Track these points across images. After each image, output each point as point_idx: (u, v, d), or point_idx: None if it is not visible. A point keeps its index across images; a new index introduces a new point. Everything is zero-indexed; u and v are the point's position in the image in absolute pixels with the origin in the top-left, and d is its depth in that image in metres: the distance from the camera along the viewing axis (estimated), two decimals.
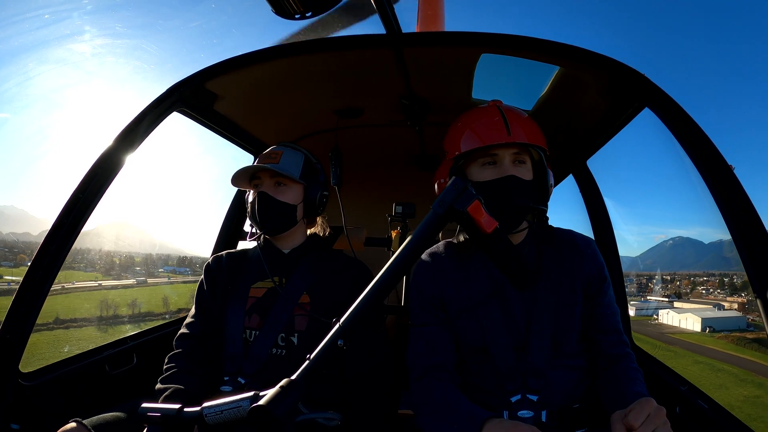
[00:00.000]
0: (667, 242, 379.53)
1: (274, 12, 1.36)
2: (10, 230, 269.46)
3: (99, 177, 1.49)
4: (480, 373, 1.27)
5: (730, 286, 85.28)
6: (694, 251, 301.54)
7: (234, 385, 1.39)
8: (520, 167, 1.26)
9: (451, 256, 1.38)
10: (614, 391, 1.18)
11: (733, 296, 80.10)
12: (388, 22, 1.43)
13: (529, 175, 1.27)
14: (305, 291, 1.49)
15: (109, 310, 58.72)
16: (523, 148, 1.26)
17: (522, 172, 1.25)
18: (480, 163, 1.28)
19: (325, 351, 0.85)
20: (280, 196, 1.50)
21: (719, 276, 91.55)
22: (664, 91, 1.38)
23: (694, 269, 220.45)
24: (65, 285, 53.97)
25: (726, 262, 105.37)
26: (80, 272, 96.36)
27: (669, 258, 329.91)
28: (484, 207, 0.91)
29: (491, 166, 1.26)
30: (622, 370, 1.21)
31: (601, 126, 1.93)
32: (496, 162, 1.26)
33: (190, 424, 0.92)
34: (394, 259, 0.91)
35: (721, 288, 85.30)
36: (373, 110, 2.25)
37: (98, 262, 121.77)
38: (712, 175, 1.23)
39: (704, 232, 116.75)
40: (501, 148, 1.25)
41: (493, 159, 1.26)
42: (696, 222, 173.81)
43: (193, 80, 1.69)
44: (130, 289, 75.15)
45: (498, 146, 1.24)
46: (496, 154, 1.25)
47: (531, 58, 1.58)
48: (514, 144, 1.24)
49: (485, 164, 1.27)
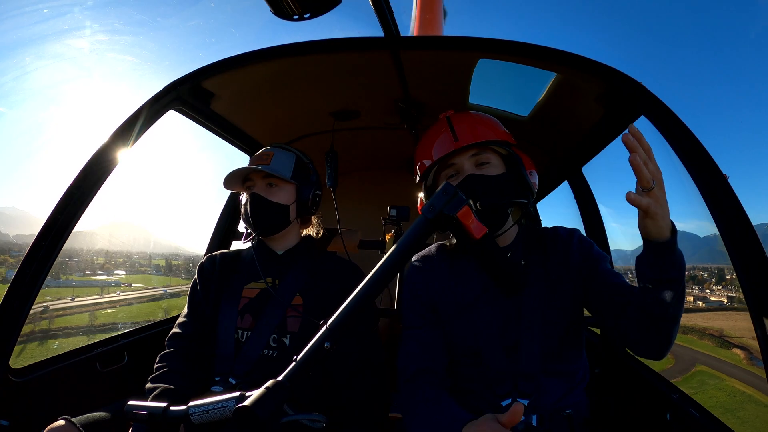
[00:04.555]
0: None
1: (273, 13, 1.36)
2: (17, 232, 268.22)
3: (93, 175, 1.49)
4: (471, 377, 1.27)
5: (720, 278, 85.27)
6: (689, 244, 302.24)
7: (225, 386, 1.39)
8: (484, 168, 1.26)
9: (443, 259, 1.38)
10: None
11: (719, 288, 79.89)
12: (386, 24, 1.44)
13: (496, 171, 1.26)
14: (298, 292, 1.49)
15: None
16: (482, 148, 1.26)
17: (487, 171, 1.25)
18: (444, 176, 1.30)
19: (312, 353, 0.85)
20: (273, 196, 1.50)
21: (710, 270, 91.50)
22: (660, 100, 1.38)
23: (691, 262, 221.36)
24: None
25: (720, 255, 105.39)
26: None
27: None
28: (474, 213, 0.92)
29: (454, 177, 1.28)
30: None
31: (597, 133, 1.93)
32: (458, 171, 1.27)
33: (175, 422, 0.92)
34: (383, 263, 0.92)
35: (721, 281, 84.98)
36: (369, 113, 2.26)
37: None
38: (706, 184, 1.24)
39: (700, 225, 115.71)
40: (457, 156, 1.26)
41: (454, 169, 1.28)
42: (692, 215, 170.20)
43: (190, 79, 1.69)
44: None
45: (452, 155, 1.25)
46: (455, 163, 1.27)
47: (528, 65, 1.59)
48: (466, 147, 1.24)
49: (449, 176, 1.29)
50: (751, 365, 32.98)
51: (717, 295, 74.13)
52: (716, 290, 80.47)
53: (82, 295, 55.25)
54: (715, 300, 70.56)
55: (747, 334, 39.54)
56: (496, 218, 1.25)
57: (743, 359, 34.85)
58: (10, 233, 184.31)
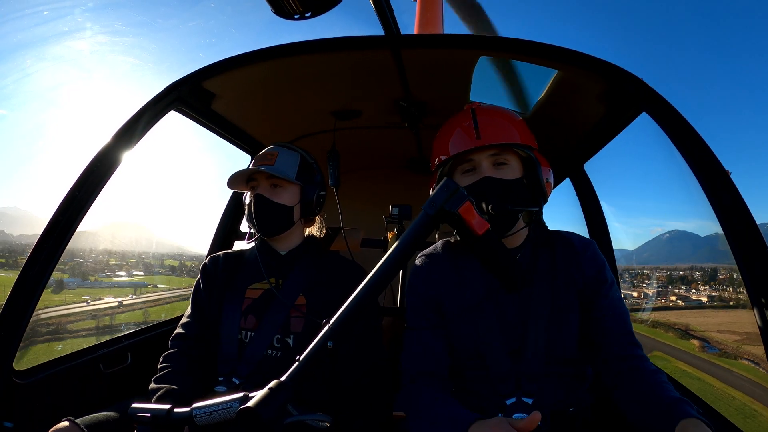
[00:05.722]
0: (663, 235, 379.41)
1: (274, 12, 1.36)
2: (21, 232, 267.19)
3: (95, 175, 1.50)
4: (475, 377, 1.26)
5: (710, 278, 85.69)
6: (690, 244, 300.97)
7: (228, 386, 1.39)
8: (502, 169, 1.23)
9: (448, 257, 1.37)
10: (644, 399, 1.07)
11: (706, 287, 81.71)
12: (387, 23, 1.44)
13: (513, 174, 1.24)
14: (301, 293, 1.49)
15: None
16: (503, 149, 1.23)
17: (504, 173, 1.23)
18: (460, 170, 1.27)
19: (315, 352, 0.85)
20: (277, 197, 1.49)
21: (706, 269, 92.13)
22: (662, 97, 1.37)
23: (691, 262, 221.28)
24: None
25: (722, 255, 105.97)
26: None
27: (666, 251, 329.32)
28: (476, 209, 0.91)
29: (470, 173, 1.25)
30: (644, 375, 1.12)
31: (599, 130, 1.93)
32: (475, 168, 1.25)
33: (179, 424, 0.92)
34: (385, 261, 0.91)
35: (710, 281, 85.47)
36: (370, 112, 2.26)
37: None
38: (709, 180, 1.23)
39: (701, 225, 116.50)
40: (476, 153, 1.23)
41: (471, 165, 1.25)
42: (694, 215, 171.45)
43: (190, 79, 1.69)
44: None
45: (472, 152, 1.22)
46: (473, 160, 1.24)
47: (529, 62, 1.58)
48: (488, 146, 1.22)
49: (465, 171, 1.26)
50: (701, 352, 39.43)
51: (699, 295, 76.78)
52: (702, 290, 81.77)
53: (119, 296, 56.58)
54: (695, 299, 73.68)
55: (711, 328, 49.23)
56: (506, 222, 1.23)
57: (697, 347, 41.35)
58: (13, 233, 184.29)
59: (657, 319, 55.24)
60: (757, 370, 34.59)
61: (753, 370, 34.33)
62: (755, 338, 29.33)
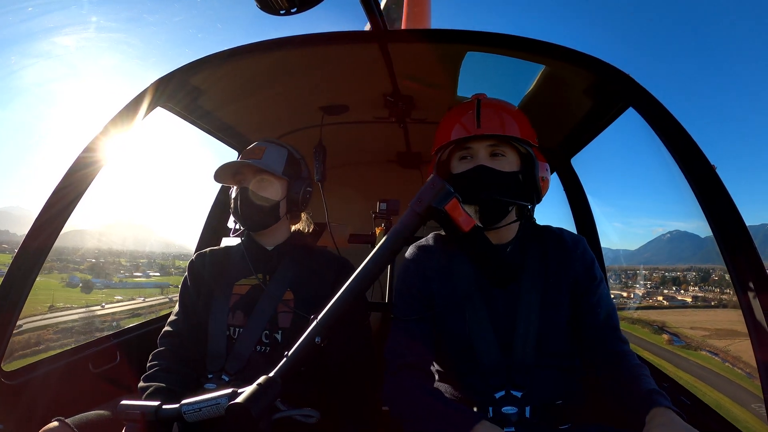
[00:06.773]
0: (664, 235, 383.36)
1: (259, 8, 1.35)
2: (25, 231, 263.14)
3: (81, 174, 1.48)
4: (465, 369, 1.27)
5: (701, 280, 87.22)
6: (691, 244, 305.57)
7: (218, 383, 1.39)
8: (498, 160, 1.25)
9: (438, 250, 1.37)
10: (622, 390, 1.12)
11: (692, 289, 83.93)
12: (374, 18, 1.43)
13: (509, 167, 1.25)
14: (289, 287, 1.49)
15: None
16: (501, 141, 1.25)
17: (500, 164, 1.24)
18: (458, 157, 1.29)
19: (303, 348, 0.85)
20: (263, 192, 1.49)
21: (704, 270, 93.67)
22: (648, 92, 1.38)
23: (691, 263, 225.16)
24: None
25: (720, 256, 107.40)
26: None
27: (667, 251, 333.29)
28: (462, 205, 0.92)
29: (466, 160, 1.27)
30: (626, 368, 1.17)
31: (586, 125, 1.94)
32: (471, 155, 1.26)
33: (169, 421, 0.92)
34: (372, 257, 0.92)
35: (701, 282, 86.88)
36: (358, 107, 2.25)
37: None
38: (694, 175, 1.25)
39: (702, 225, 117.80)
40: (474, 141, 1.25)
41: (469, 153, 1.27)
42: (694, 215, 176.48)
43: (176, 75, 1.67)
44: None
45: (471, 139, 1.24)
46: (471, 147, 1.26)
47: (516, 57, 1.59)
48: (487, 136, 1.23)
49: (462, 158, 1.28)
50: (668, 345, 43.49)
51: (685, 295, 79.29)
52: (690, 291, 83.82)
53: (148, 297, 57.11)
54: (680, 299, 76.20)
55: (684, 325, 53.65)
56: (495, 213, 1.24)
57: (665, 341, 45.11)
58: (18, 233, 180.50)
59: (639, 317, 57.79)
60: (712, 359, 38.07)
61: (708, 359, 37.97)
62: (723, 334, 31.19)
